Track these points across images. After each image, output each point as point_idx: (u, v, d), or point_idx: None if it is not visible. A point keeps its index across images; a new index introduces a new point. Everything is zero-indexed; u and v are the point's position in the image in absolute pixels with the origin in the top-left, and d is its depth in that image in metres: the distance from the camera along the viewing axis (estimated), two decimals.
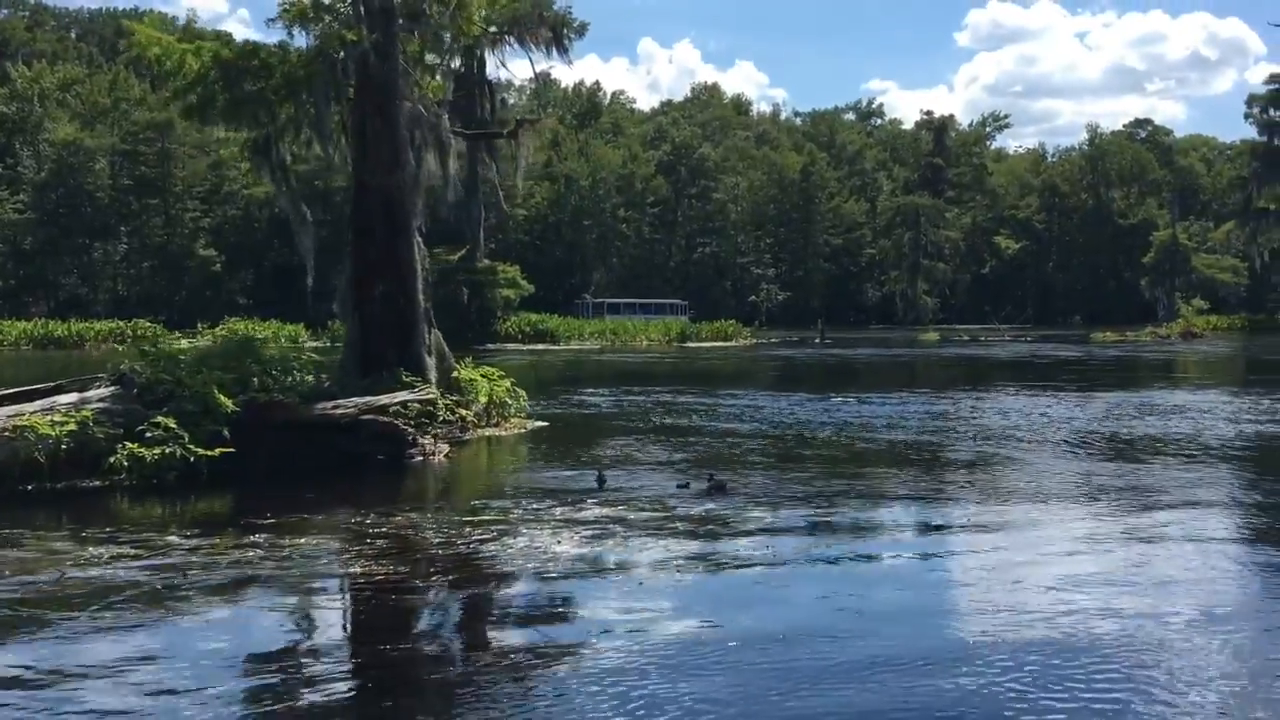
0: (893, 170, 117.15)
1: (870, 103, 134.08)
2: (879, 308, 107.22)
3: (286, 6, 16.63)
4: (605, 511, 10.19)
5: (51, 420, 11.43)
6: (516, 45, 53.41)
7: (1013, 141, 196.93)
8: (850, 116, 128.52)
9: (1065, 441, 15.58)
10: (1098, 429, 17.15)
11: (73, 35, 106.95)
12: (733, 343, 58.81)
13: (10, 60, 79.51)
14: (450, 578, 7.98)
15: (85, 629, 6.55)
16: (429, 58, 17.68)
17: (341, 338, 18.45)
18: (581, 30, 55.90)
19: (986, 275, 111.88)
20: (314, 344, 43.26)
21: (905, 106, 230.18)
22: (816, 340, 64.46)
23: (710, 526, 9.56)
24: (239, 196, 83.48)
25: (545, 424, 17.82)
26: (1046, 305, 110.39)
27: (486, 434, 16.51)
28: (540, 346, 54.03)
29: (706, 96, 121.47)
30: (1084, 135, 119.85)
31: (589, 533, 9.29)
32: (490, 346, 51.81)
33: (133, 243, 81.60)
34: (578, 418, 19.71)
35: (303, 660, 6.15)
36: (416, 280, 16.52)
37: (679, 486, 11.55)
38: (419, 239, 16.70)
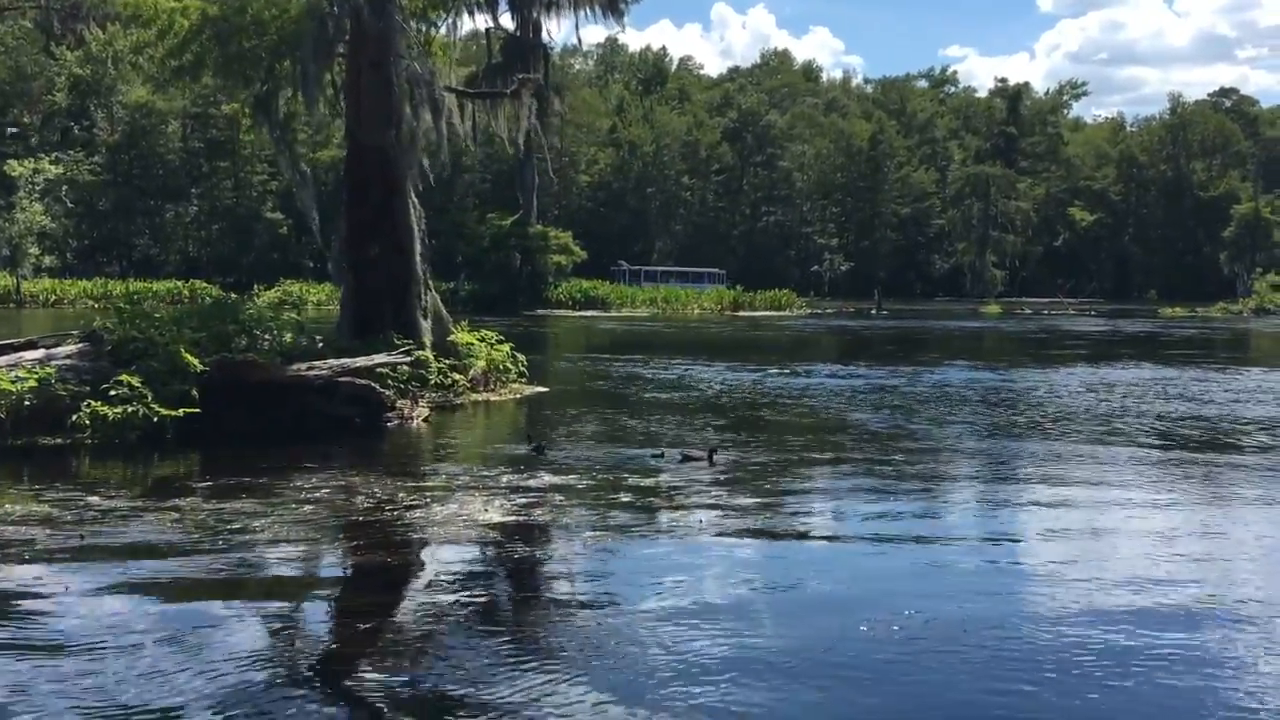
0: (964, 139, 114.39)
1: (944, 70, 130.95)
2: (946, 279, 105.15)
3: None
4: (554, 480, 9.85)
5: (14, 376, 11.38)
6: (570, 9, 53.16)
7: (1094, 110, 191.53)
8: (923, 84, 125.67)
9: (1096, 420, 14.88)
10: (1134, 407, 16.37)
11: None
12: (786, 312, 58.02)
13: (84, 23, 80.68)
14: (354, 544, 7.72)
15: None
16: (434, 15, 17.26)
17: None
18: None
19: (1059, 248, 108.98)
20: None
21: (984, 74, 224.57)
22: (872, 311, 63.36)
23: (656, 499, 9.17)
24: (307, 160, 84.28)
25: (545, 390, 17.51)
26: (1122, 279, 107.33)
27: (481, 399, 16.26)
28: (591, 313, 53.79)
29: (776, 63, 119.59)
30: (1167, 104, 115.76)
31: (523, 500, 8.96)
32: (540, 312, 51.78)
33: (203, 205, 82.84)
34: (586, 385, 19.37)
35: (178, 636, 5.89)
36: (413, 241, 16.27)
37: (654, 457, 11.17)
38: (415, 199, 16.41)
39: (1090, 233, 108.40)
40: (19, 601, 6.21)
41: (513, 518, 8.40)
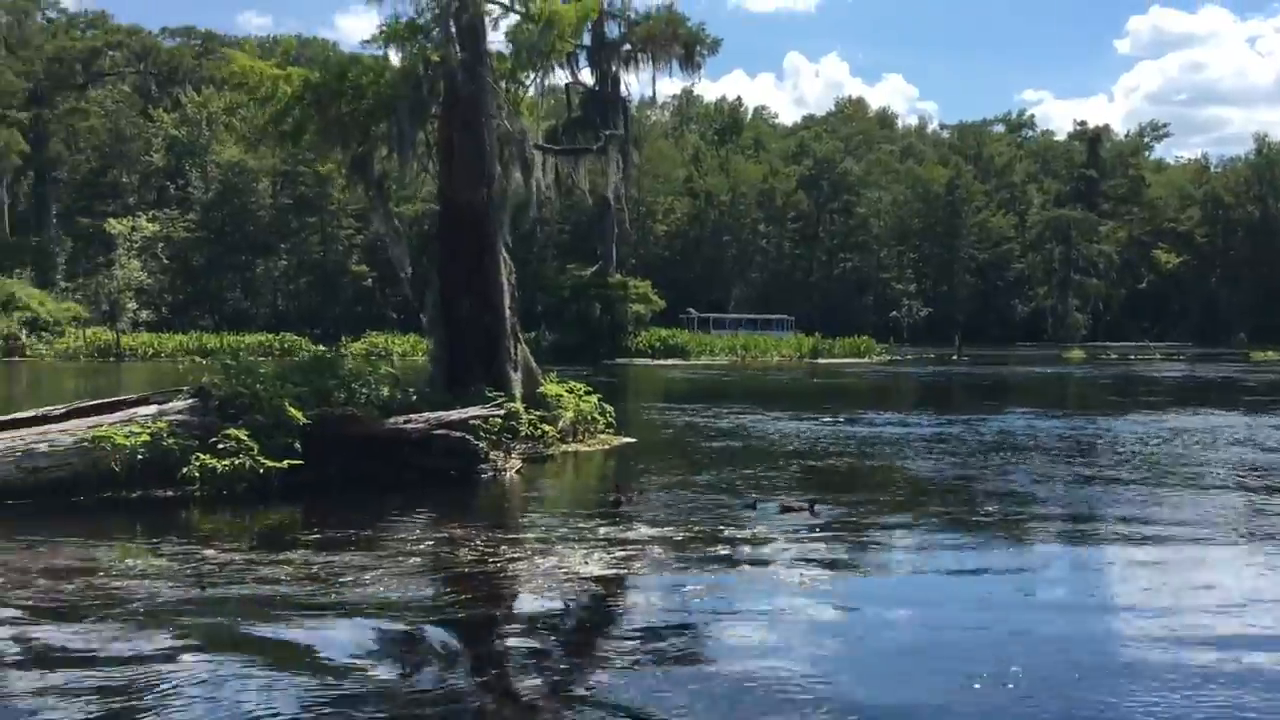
0: (1043, 183, 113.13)
1: (1021, 114, 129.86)
2: (1026, 324, 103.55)
3: (383, 29, 16.98)
4: (651, 532, 9.96)
5: (128, 431, 11.84)
6: (649, 64, 54.08)
7: (1176, 151, 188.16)
8: (999, 128, 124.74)
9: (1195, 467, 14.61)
10: (1201, 454, 16.05)
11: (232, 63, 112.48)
12: (866, 359, 57.65)
13: (180, 86, 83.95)
14: (465, 597, 7.89)
15: (65, 641, 6.65)
16: (522, 75, 17.73)
17: None
18: (714, 46, 56.04)
19: (1144, 291, 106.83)
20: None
21: (1061, 117, 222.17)
22: (953, 357, 62.65)
23: (754, 551, 9.23)
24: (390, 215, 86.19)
25: (633, 441, 17.66)
26: (1210, 322, 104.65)
27: (570, 449, 16.46)
28: (670, 362, 54.01)
29: (850, 110, 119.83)
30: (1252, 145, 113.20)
31: (622, 553, 9.08)
32: (620, 361, 52.14)
33: (291, 259, 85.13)
34: (672, 435, 19.49)
35: (282, 682, 6.10)
36: (503, 296, 16.61)
37: (745, 507, 11.23)
38: (506, 255, 16.79)
39: (1175, 275, 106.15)
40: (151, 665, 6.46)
41: (613, 571, 8.52)
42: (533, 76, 18.10)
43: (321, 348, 53.79)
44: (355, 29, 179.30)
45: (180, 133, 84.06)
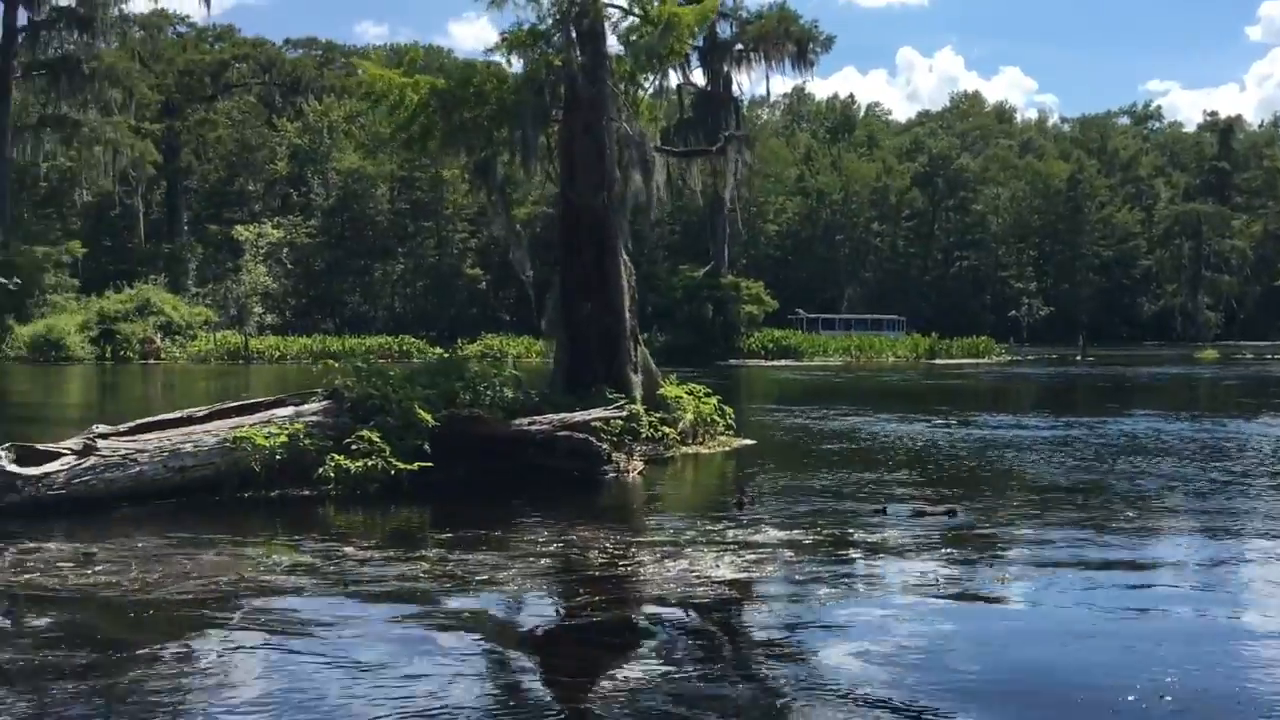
0: (1171, 176, 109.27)
1: (1146, 105, 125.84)
2: (1154, 323, 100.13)
3: (505, 36, 17.24)
4: (781, 535, 9.89)
5: (267, 432, 12.22)
6: (761, 62, 53.83)
7: None
8: (1124, 120, 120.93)
9: None
10: None
11: (360, 71, 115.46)
12: (985, 359, 56.43)
13: (303, 96, 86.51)
14: (598, 599, 7.93)
15: (218, 630, 6.89)
16: (641, 78, 17.80)
17: None
18: (827, 44, 55.55)
19: None
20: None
21: (1189, 107, 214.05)
22: (1077, 357, 60.90)
23: (888, 557, 9.10)
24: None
25: (753, 443, 17.58)
26: None
27: (690, 451, 16.46)
28: (783, 363, 53.68)
29: (966, 105, 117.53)
30: None
31: (753, 557, 9.03)
32: (733, 363, 52.04)
33: (408, 263, 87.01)
34: (795, 437, 19.35)
35: (426, 678, 6.21)
36: (623, 298, 16.69)
37: (875, 511, 11.08)
38: (626, 257, 16.87)
39: None
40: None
41: (745, 574, 8.47)
42: (651, 79, 18.15)
43: (438, 350, 55.04)
44: (467, 36, 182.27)
45: (303, 141, 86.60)
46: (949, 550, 9.36)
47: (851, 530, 10.19)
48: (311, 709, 5.55)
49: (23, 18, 53.32)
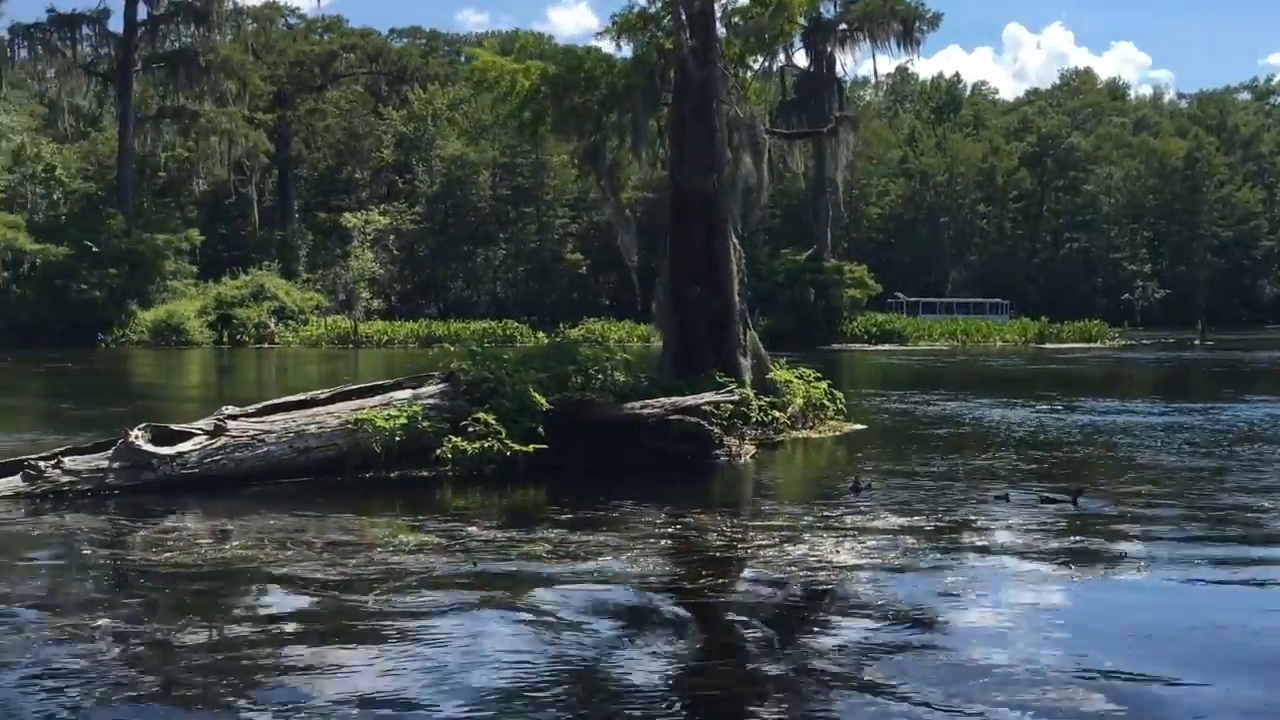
0: None
1: (1269, 80, 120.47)
2: (1276, 306, 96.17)
3: (615, 20, 17.25)
4: (900, 521, 9.77)
5: (387, 414, 12.48)
6: (865, 42, 53.01)
7: None
8: (1244, 96, 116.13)
9: None
10: None
11: (462, 59, 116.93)
12: (1097, 344, 54.91)
13: (408, 84, 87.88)
14: (720, 582, 7.94)
15: (354, 606, 7.05)
16: (750, 60, 17.67)
17: None
18: (934, 22, 54.42)
19: None
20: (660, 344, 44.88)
21: None
22: (1195, 341, 58.86)
23: (1013, 543, 8.92)
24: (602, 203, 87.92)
25: (863, 428, 17.39)
26: None
27: (800, 436, 16.36)
28: (887, 347, 52.96)
29: (1077, 83, 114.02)
30: None
31: (873, 543, 8.94)
32: (836, 347, 51.49)
33: (509, 249, 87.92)
34: (904, 422, 19.09)
35: (560, 658, 6.30)
36: (733, 282, 16.63)
37: (997, 498, 10.86)
38: (736, 240, 16.80)
39: None
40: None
41: (867, 560, 8.39)
42: (759, 60, 18.00)
43: (541, 334, 55.55)
44: (567, 22, 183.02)
45: (408, 129, 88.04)
46: (1078, 537, 9.14)
47: (973, 516, 10.02)
48: (444, 686, 5.65)
49: (142, 12, 55.15)
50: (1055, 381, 30.82)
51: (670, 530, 9.42)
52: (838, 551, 8.63)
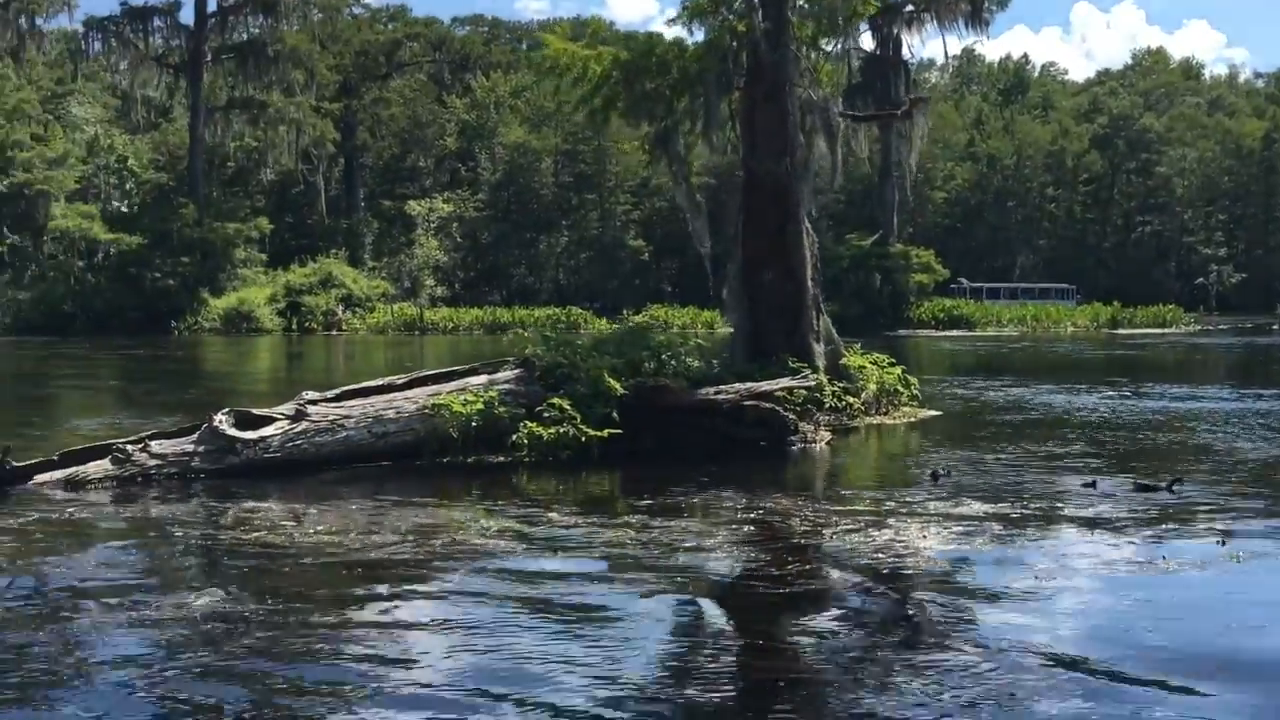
0: None
1: None
2: None
3: (686, 5, 17.13)
4: (985, 508, 9.61)
5: (464, 399, 12.54)
6: (932, 23, 52.22)
7: None
8: None
9: None
10: None
11: (524, 45, 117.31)
12: (1171, 329, 53.75)
13: (470, 72, 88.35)
14: (807, 568, 7.87)
15: (443, 591, 7.08)
16: (823, 42, 17.47)
17: None
18: (1003, 1, 53.45)
19: None
20: (728, 329, 44.82)
21: None
22: (1275, 326, 57.37)
23: (1113, 532, 8.72)
24: (666, 189, 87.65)
25: (938, 414, 17.17)
26: None
27: (874, 422, 16.19)
28: (954, 333, 52.32)
29: (1149, 62, 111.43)
30: None
31: (959, 529, 8.80)
32: (902, 333, 50.99)
33: (572, 235, 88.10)
34: (977, 408, 18.82)
35: (655, 643, 6.27)
36: (805, 267, 16.47)
37: (1085, 485, 10.64)
38: (808, 225, 16.64)
39: None
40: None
41: (954, 546, 8.26)
42: (831, 43, 17.79)
43: (605, 321, 55.60)
44: (627, 8, 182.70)
45: (470, 117, 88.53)
46: (1169, 525, 8.93)
47: (1060, 504, 9.84)
48: (535, 670, 5.65)
49: (212, 3, 56.08)
50: (1128, 367, 30.23)
51: (752, 516, 9.35)
52: (924, 537, 8.51)
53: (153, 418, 15.83)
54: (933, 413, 17.17)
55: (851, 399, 16.23)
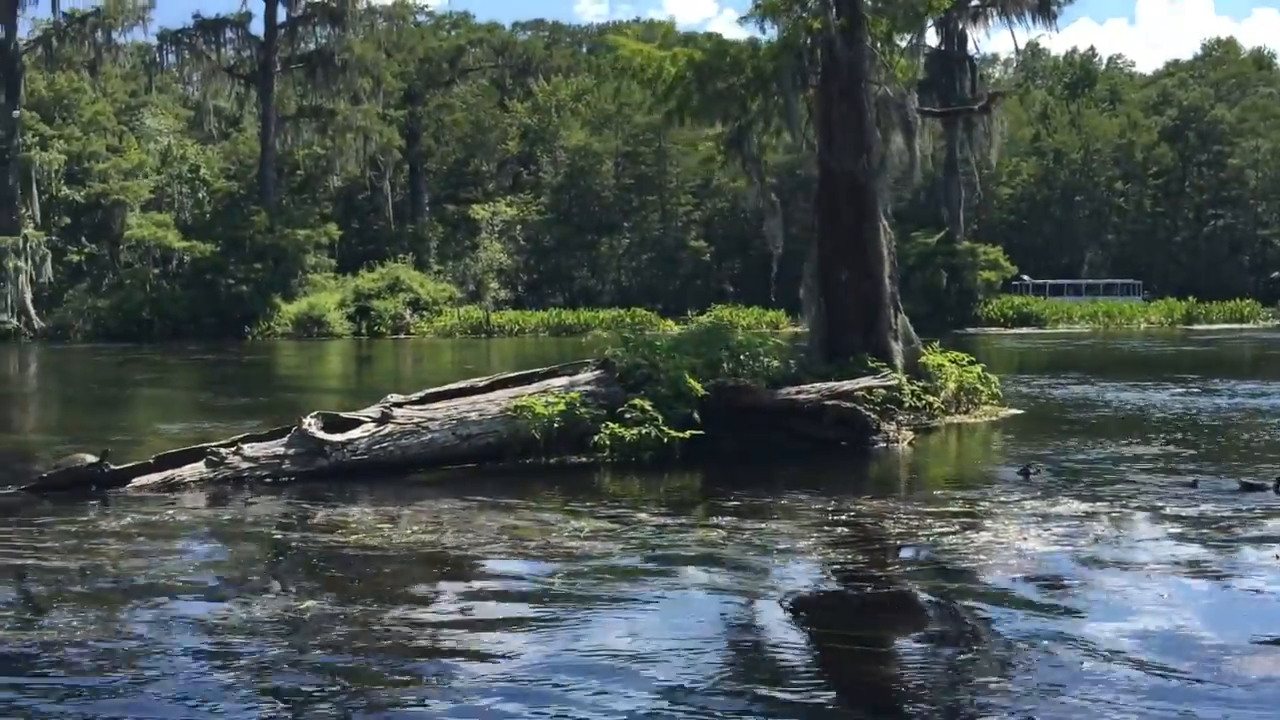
0: None
1: None
2: None
3: (758, 3, 17.06)
4: (1083, 507, 9.44)
5: (545, 401, 12.58)
6: (999, 17, 51.52)
7: None
8: None
9: None
10: None
11: (584, 49, 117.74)
12: (1249, 324, 52.47)
13: (532, 76, 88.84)
14: (909, 569, 7.78)
15: (541, 591, 7.09)
16: (897, 37, 17.30)
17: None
18: None
19: None
20: (793, 329, 44.63)
21: None
22: None
23: (1220, 531, 8.52)
24: (727, 190, 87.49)
25: (1019, 412, 16.92)
26: None
27: (954, 421, 15.99)
28: (1024, 330, 51.55)
29: (1220, 52, 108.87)
30: None
31: (1060, 529, 8.64)
32: (970, 330, 50.37)
33: (633, 237, 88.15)
34: (1056, 407, 18.51)
35: (755, 644, 6.24)
36: (883, 265, 16.33)
37: (1187, 485, 10.39)
38: (885, 222, 16.48)
39: None
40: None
41: (1056, 548, 8.10)
42: (906, 39, 17.61)
43: (669, 322, 55.62)
44: (684, 10, 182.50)
45: (532, 121, 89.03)
46: (1266, 524, 8.69)
47: (1161, 503, 9.62)
48: (641, 672, 5.63)
49: (281, 14, 57.00)
50: (1209, 364, 29.53)
51: (843, 518, 9.25)
52: (1024, 538, 8.37)
53: (233, 421, 16.12)
54: (1014, 411, 16.92)
55: (931, 398, 16.04)
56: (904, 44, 17.70)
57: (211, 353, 40.78)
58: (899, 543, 8.40)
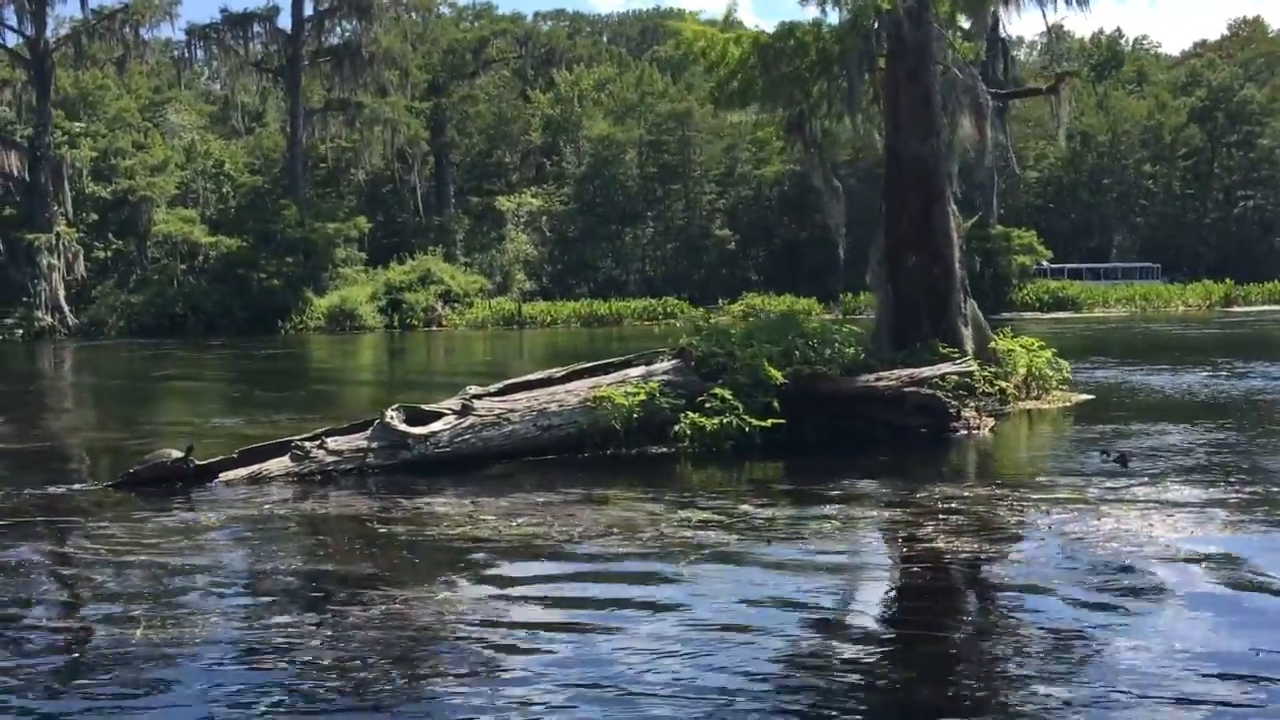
0: None
1: None
2: None
3: None
4: (1198, 494, 9.22)
5: (625, 391, 12.42)
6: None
7: None
8: None
9: None
10: None
11: (604, 39, 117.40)
12: None
13: (555, 67, 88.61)
14: (1041, 558, 7.57)
15: (677, 578, 6.93)
16: (961, 19, 17.04)
17: (852, 311, 18.50)
18: None
19: None
20: (826, 317, 44.37)
21: None
22: None
23: None
24: (751, 177, 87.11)
25: (1090, 397, 16.67)
26: None
27: (1027, 407, 15.76)
28: (1061, 315, 51.13)
29: (1247, 32, 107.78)
30: None
31: (1185, 516, 8.43)
32: (1005, 315, 49.85)
33: (658, 226, 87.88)
34: (1127, 392, 18.25)
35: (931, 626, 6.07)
36: (952, 249, 16.12)
37: None
38: (954, 206, 16.24)
39: None
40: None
41: (1190, 535, 7.87)
42: (970, 21, 17.34)
43: (700, 310, 55.35)
44: (700, 1, 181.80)
45: (555, 111, 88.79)
46: None
47: (1275, 486, 9.38)
48: (781, 651, 5.48)
49: (309, 7, 56.92)
50: (1263, 348, 29.15)
51: (953, 505, 9.05)
52: (1150, 526, 8.15)
53: (291, 415, 16.09)
54: (1086, 396, 16.68)
55: (1003, 384, 15.83)
56: (968, 26, 17.38)
57: (247, 346, 40.80)
58: (1020, 531, 8.19)
